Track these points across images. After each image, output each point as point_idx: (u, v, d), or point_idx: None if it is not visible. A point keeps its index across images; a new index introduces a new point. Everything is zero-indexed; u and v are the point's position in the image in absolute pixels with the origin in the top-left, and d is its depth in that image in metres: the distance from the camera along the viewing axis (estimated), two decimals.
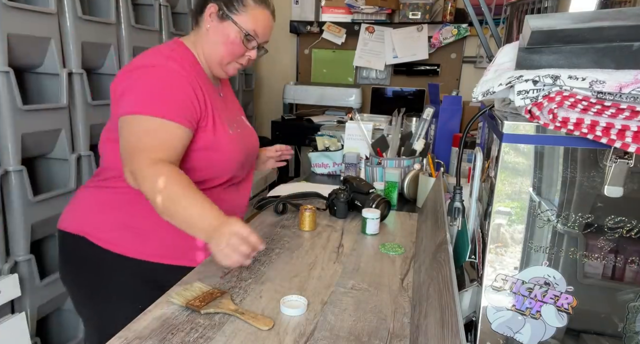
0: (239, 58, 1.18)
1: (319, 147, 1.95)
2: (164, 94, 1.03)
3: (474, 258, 0.78)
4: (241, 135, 1.23)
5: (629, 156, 0.59)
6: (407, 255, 1.12)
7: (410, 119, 1.99)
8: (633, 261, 0.62)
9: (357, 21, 3.20)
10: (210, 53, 1.16)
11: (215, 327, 0.79)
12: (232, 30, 1.13)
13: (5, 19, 1.33)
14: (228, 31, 1.13)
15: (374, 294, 0.93)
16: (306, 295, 0.90)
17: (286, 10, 3.35)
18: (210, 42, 1.15)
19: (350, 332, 0.79)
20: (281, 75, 3.51)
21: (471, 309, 0.73)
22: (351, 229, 1.28)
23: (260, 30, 1.15)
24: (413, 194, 1.56)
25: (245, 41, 1.14)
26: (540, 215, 0.64)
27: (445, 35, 3.07)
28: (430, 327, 0.68)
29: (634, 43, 0.58)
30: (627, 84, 0.55)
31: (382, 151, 1.70)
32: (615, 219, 0.61)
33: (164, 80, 1.05)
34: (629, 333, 0.64)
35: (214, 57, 1.16)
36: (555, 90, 0.60)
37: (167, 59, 1.07)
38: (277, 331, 0.79)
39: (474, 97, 0.69)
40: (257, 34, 1.15)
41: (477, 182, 0.81)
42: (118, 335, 0.75)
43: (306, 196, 1.51)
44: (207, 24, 1.14)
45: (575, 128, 0.57)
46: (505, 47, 0.77)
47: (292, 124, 3.15)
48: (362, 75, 3.38)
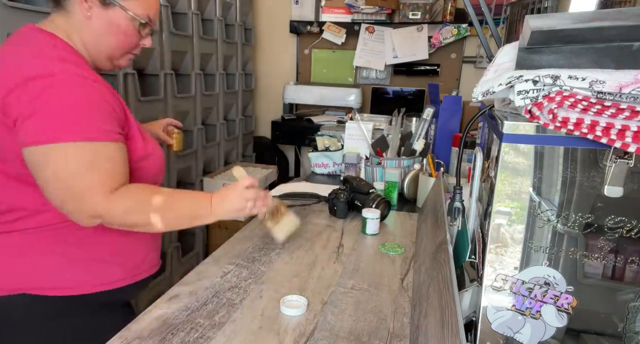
0: (132, 49, 1.01)
1: (319, 147, 1.95)
2: (84, 109, 0.84)
3: (474, 258, 0.78)
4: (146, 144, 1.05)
5: (629, 156, 0.59)
6: (407, 255, 1.12)
7: (410, 119, 1.99)
8: (633, 261, 0.62)
9: (357, 21, 3.20)
10: (95, 46, 0.95)
11: (215, 327, 0.79)
12: (123, 19, 0.94)
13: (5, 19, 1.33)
14: (117, 20, 0.93)
15: (374, 294, 0.93)
16: (306, 295, 0.90)
17: (286, 10, 3.35)
18: (94, 33, 0.94)
19: (350, 332, 0.79)
20: (281, 76, 3.51)
21: (471, 309, 0.73)
22: (351, 229, 1.28)
23: (153, 14, 0.98)
24: (413, 194, 1.56)
25: (141, 29, 0.97)
26: (540, 215, 0.64)
27: (445, 35, 3.07)
28: (430, 327, 0.68)
29: (634, 43, 0.58)
30: (627, 84, 0.55)
31: (382, 151, 1.70)
32: (615, 219, 0.61)
33: (76, 92, 0.84)
34: (629, 333, 0.64)
35: (103, 51, 0.96)
36: (555, 90, 0.60)
37: (61, 61, 0.86)
38: (277, 331, 0.79)
39: (474, 97, 0.69)
40: (151, 19, 0.98)
41: (477, 182, 0.81)
42: (118, 335, 0.75)
43: (305, 196, 1.51)
44: (84, 9, 0.91)
45: (575, 128, 0.57)
46: (505, 47, 0.77)
47: (292, 124, 3.15)
48: (362, 75, 3.38)
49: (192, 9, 2.31)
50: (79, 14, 0.92)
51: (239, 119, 3.02)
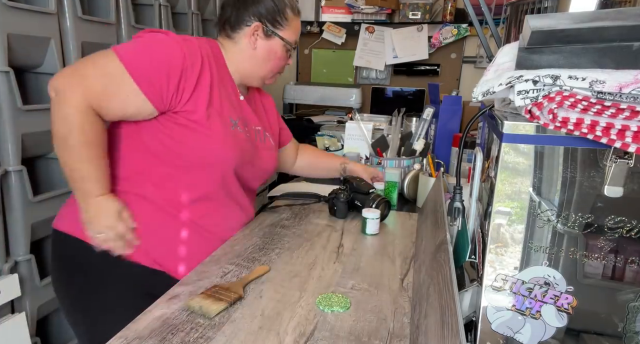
0: (282, 69, 1.22)
1: (319, 147, 1.95)
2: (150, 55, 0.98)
3: (474, 258, 0.78)
4: (247, 139, 1.16)
5: (629, 156, 0.59)
6: (407, 255, 1.12)
7: (410, 119, 1.99)
8: (633, 261, 0.62)
9: (357, 21, 3.20)
10: (253, 69, 1.16)
11: (215, 327, 0.79)
12: (279, 46, 1.14)
13: (5, 19, 1.33)
14: (275, 48, 1.14)
15: (374, 294, 0.93)
16: (306, 295, 0.90)
17: None
18: (256, 60, 1.15)
19: (350, 332, 0.79)
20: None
21: (471, 309, 0.73)
22: (351, 229, 1.28)
23: (296, 38, 1.18)
24: (413, 194, 1.56)
25: (289, 53, 1.18)
26: (540, 215, 0.64)
27: (445, 35, 3.07)
28: (430, 327, 0.68)
29: (634, 43, 0.58)
30: (627, 84, 0.55)
31: (382, 151, 1.70)
32: (615, 219, 0.61)
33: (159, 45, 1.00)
34: (629, 333, 0.64)
35: (259, 73, 1.17)
36: (555, 90, 0.60)
37: (183, 38, 1.03)
38: (277, 331, 0.79)
39: (474, 97, 0.69)
40: (297, 43, 1.19)
41: (477, 182, 0.81)
42: (118, 335, 0.75)
43: (305, 196, 1.51)
44: (251, 42, 1.13)
45: (575, 128, 0.57)
46: (505, 47, 0.77)
47: (292, 124, 3.13)
48: (362, 76, 3.38)
49: (192, 9, 2.31)
50: (245, 45, 1.13)
51: None
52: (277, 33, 1.13)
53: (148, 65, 0.97)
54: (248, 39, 1.13)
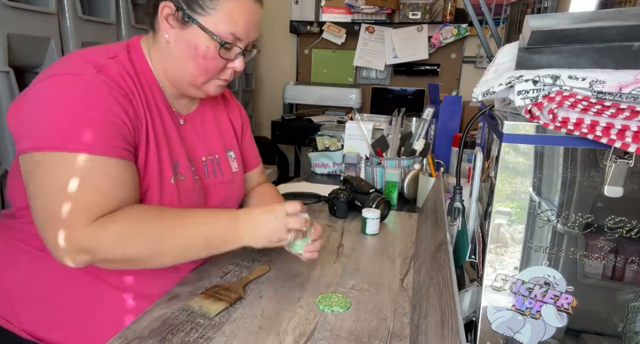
0: (219, 74, 0.87)
1: (319, 147, 1.95)
2: (86, 115, 0.73)
3: (474, 258, 0.78)
4: (195, 187, 0.91)
5: (629, 156, 0.59)
6: (407, 255, 1.12)
7: (410, 119, 1.99)
8: (633, 261, 0.62)
9: (357, 21, 3.20)
10: (175, 71, 0.86)
11: (215, 327, 0.79)
12: (201, 39, 0.81)
13: (5, 19, 1.33)
14: (195, 41, 0.81)
15: (374, 294, 0.93)
16: (306, 295, 0.90)
17: (286, 10, 3.35)
18: (173, 57, 0.84)
19: (350, 332, 0.79)
20: (281, 76, 3.51)
21: (471, 309, 0.73)
22: (351, 229, 1.28)
23: (242, 29, 0.82)
24: (413, 194, 1.56)
25: (223, 51, 0.83)
26: (540, 215, 0.64)
27: (445, 35, 3.07)
28: (430, 327, 0.68)
29: (634, 43, 0.58)
30: (627, 84, 0.55)
31: (382, 151, 1.70)
32: (615, 219, 0.61)
33: (84, 96, 0.74)
34: (629, 333, 0.64)
35: (183, 77, 0.86)
36: (555, 90, 0.60)
37: (98, 67, 0.77)
38: (277, 331, 0.79)
39: (474, 97, 0.69)
40: (239, 37, 0.83)
41: (477, 182, 0.81)
42: (118, 335, 0.75)
43: (305, 196, 1.51)
44: (164, 31, 0.82)
45: (575, 128, 0.57)
46: (505, 47, 0.77)
47: (292, 124, 3.15)
48: (362, 76, 3.38)
49: None
50: (160, 35, 0.84)
51: None
52: (194, 19, 0.80)
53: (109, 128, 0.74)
54: (162, 27, 0.83)
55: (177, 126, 0.92)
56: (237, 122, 1.11)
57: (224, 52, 0.83)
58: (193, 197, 0.91)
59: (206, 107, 1.01)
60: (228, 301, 0.85)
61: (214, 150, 1.00)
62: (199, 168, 0.95)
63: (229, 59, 0.85)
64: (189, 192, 0.90)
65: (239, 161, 1.06)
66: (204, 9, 0.80)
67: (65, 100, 0.73)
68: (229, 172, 1.02)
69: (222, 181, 1.00)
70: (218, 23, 0.80)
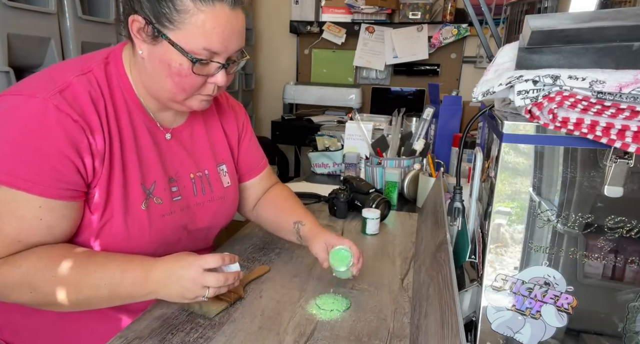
0: (199, 90, 0.80)
1: (319, 147, 1.95)
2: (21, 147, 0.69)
3: (474, 258, 0.78)
4: (174, 208, 0.86)
5: (629, 156, 0.59)
6: (407, 255, 1.12)
7: (410, 119, 1.99)
8: (633, 261, 0.62)
9: (357, 21, 3.20)
10: (153, 87, 0.81)
11: (215, 327, 0.79)
12: (173, 55, 0.74)
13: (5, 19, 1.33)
14: (167, 57, 0.74)
15: (374, 294, 0.93)
16: (306, 295, 0.90)
17: (286, 10, 3.35)
18: (150, 73, 0.78)
19: (350, 332, 0.79)
20: (281, 76, 3.51)
21: (471, 309, 0.73)
22: (351, 229, 1.28)
23: (218, 43, 0.74)
24: (413, 194, 1.56)
25: (199, 67, 0.75)
26: (540, 215, 0.64)
27: (445, 35, 3.07)
28: (430, 327, 0.68)
29: (634, 43, 0.58)
30: (627, 84, 0.55)
31: (382, 151, 1.70)
32: (615, 219, 0.61)
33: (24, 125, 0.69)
34: (629, 333, 0.64)
35: (162, 93, 0.80)
36: (555, 90, 0.60)
37: (63, 86, 0.73)
38: (277, 331, 0.79)
39: (474, 97, 0.68)
40: (215, 51, 0.75)
41: (477, 182, 0.81)
42: (118, 335, 0.75)
43: (305, 196, 1.51)
44: (137, 46, 0.77)
45: (575, 128, 0.57)
46: (505, 47, 0.77)
47: (292, 124, 3.15)
48: (362, 75, 3.38)
49: None
50: (136, 49, 0.78)
51: None
52: (164, 33, 0.73)
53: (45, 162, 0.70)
54: (136, 42, 0.77)
55: (161, 143, 0.87)
56: (233, 132, 1.04)
57: (200, 68, 0.76)
58: (170, 220, 0.86)
59: (197, 118, 0.96)
60: (228, 301, 0.85)
61: (203, 165, 0.95)
62: (187, 186, 0.91)
63: (207, 74, 0.78)
64: (166, 216, 0.85)
65: (232, 174, 1.01)
66: (172, 23, 0.72)
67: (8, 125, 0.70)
68: (220, 189, 0.97)
69: (211, 198, 0.95)
70: (189, 38, 0.73)
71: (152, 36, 0.74)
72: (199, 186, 0.93)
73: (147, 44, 0.76)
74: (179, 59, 0.74)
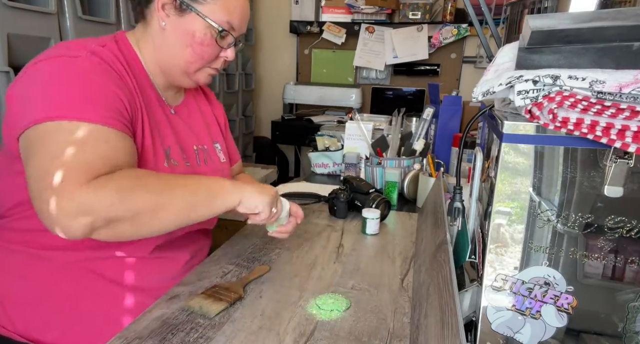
0: (211, 62, 0.91)
1: (319, 147, 1.95)
2: (87, 89, 0.75)
3: (474, 258, 0.78)
4: (187, 173, 0.92)
5: (629, 156, 0.59)
6: (407, 255, 1.12)
7: (410, 119, 1.99)
8: (633, 261, 0.62)
9: (357, 21, 3.20)
10: (169, 59, 0.89)
11: (215, 327, 0.79)
12: (199, 26, 0.85)
13: (5, 19, 1.33)
14: (193, 28, 0.85)
15: (374, 294, 0.93)
16: (306, 295, 0.90)
17: (286, 10, 3.35)
18: (169, 44, 0.87)
19: (350, 332, 0.79)
20: (281, 75, 3.51)
21: (471, 309, 0.73)
22: (351, 229, 1.28)
23: (237, 21, 0.88)
24: (413, 194, 1.56)
25: (219, 39, 0.87)
26: (540, 215, 0.64)
27: (445, 35, 3.07)
28: (430, 327, 0.68)
29: (634, 43, 0.58)
30: (627, 84, 0.55)
31: (382, 151, 1.70)
32: (615, 219, 0.61)
33: (83, 73, 0.76)
34: (629, 333, 0.64)
35: (177, 64, 0.89)
36: (555, 90, 0.60)
37: (90, 52, 0.79)
38: (277, 331, 0.79)
39: (474, 97, 0.69)
40: (234, 27, 0.88)
41: (477, 182, 0.81)
42: (118, 335, 0.75)
43: (305, 196, 1.51)
44: (159, 19, 0.85)
45: (575, 128, 0.57)
46: (505, 47, 0.77)
47: (292, 124, 3.15)
48: (362, 75, 3.38)
49: None
50: (155, 26, 0.87)
51: (239, 119, 3.02)
52: (193, 7, 0.84)
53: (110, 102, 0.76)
54: (156, 15, 0.86)
55: (168, 115, 0.95)
56: (221, 117, 1.16)
57: (220, 39, 0.88)
58: None
59: (190, 99, 1.05)
60: (228, 301, 0.85)
61: (202, 140, 1.02)
62: (191, 156, 0.97)
63: (223, 46, 0.90)
64: None
65: (224, 153, 1.09)
66: None
67: (66, 76, 0.75)
68: (218, 162, 1.05)
69: (213, 168, 1.02)
70: (216, 11, 0.85)
71: (179, 9, 0.85)
72: (202, 157, 1.01)
73: (171, 17, 0.85)
74: (204, 29, 0.86)
